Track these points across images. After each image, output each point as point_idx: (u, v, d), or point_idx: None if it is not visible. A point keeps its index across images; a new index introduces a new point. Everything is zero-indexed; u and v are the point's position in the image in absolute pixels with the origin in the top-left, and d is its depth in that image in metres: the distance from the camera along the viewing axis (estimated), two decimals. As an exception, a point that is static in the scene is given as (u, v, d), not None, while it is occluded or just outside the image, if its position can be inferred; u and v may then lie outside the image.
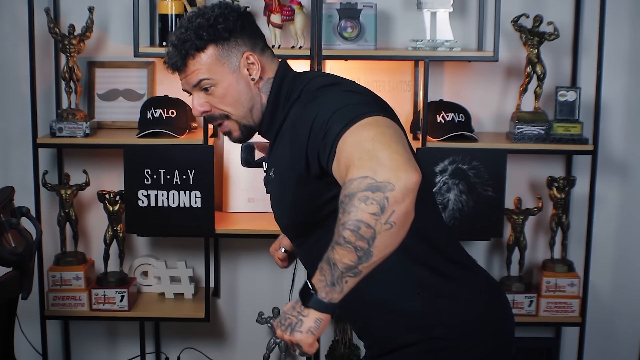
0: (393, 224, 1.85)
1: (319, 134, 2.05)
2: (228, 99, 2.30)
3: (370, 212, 1.83)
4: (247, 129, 2.36)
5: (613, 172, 3.96)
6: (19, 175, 3.88)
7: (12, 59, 3.86)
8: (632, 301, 4.07)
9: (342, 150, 1.95)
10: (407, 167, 1.86)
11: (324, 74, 2.43)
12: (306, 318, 1.97)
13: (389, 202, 1.82)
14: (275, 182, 2.32)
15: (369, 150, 1.90)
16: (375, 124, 1.99)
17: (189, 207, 3.61)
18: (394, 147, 1.91)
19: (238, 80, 2.30)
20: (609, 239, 4.02)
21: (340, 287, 1.93)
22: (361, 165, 1.87)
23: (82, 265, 3.81)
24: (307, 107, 2.19)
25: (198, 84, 2.29)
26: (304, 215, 2.27)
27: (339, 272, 1.90)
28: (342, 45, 3.64)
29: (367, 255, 1.87)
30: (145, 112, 3.69)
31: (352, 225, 1.85)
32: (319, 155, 2.06)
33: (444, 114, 3.68)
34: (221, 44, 2.27)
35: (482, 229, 3.66)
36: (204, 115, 2.34)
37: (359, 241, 1.85)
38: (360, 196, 1.83)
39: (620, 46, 3.86)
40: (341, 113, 2.03)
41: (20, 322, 3.58)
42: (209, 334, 4.11)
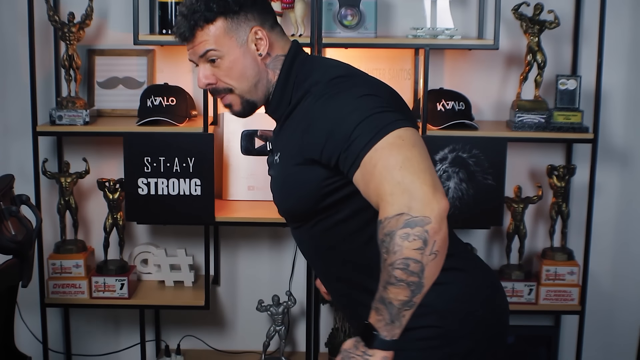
0: (437, 253, 1.93)
1: (340, 142, 2.09)
2: (234, 72, 2.31)
3: (415, 248, 1.90)
4: (249, 104, 2.36)
5: (613, 161, 3.96)
6: (18, 163, 3.89)
7: (12, 47, 3.85)
8: (631, 290, 4.08)
9: (370, 173, 2.01)
10: (437, 196, 1.93)
11: (338, 62, 2.43)
12: (372, 358, 2.03)
13: (429, 235, 1.90)
14: (279, 167, 2.34)
15: (399, 182, 1.95)
16: (401, 144, 2.03)
17: (189, 195, 3.61)
18: (421, 175, 1.96)
19: (245, 54, 2.31)
20: (608, 227, 4.02)
21: (399, 322, 2.00)
22: (394, 201, 1.94)
23: (82, 253, 3.81)
24: (325, 101, 2.20)
25: (204, 54, 2.29)
26: (303, 203, 2.28)
27: (396, 309, 1.98)
28: (342, 33, 3.64)
29: (419, 287, 1.96)
30: (145, 100, 3.69)
31: (401, 264, 1.92)
32: (339, 160, 2.11)
33: (444, 102, 3.68)
34: (230, 17, 2.28)
35: (481, 217, 3.66)
36: (208, 87, 2.34)
37: (410, 277, 1.93)
38: (401, 234, 1.90)
39: (621, 34, 3.86)
40: (365, 125, 2.06)
41: (20, 310, 3.59)
42: (209, 321, 4.13)
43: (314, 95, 2.24)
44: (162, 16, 3.65)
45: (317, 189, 2.23)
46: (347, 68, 2.38)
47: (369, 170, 2.02)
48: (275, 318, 3.91)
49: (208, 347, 4.14)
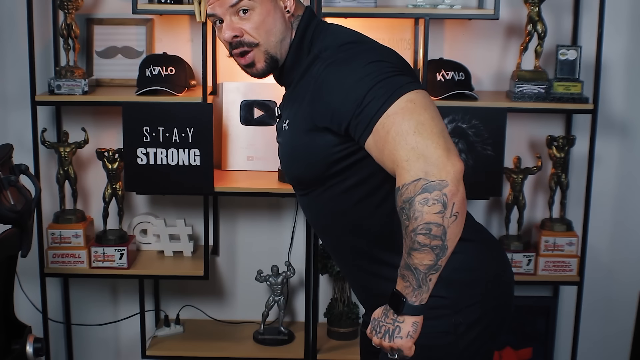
0: (457, 215, 1.97)
1: (351, 108, 2.10)
2: (264, 25, 2.30)
3: (435, 212, 1.94)
4: (273, 60, 2.35)
5: (613, 132, 3.96)
6: (17, 132, 3.88)
7: (10, 16, 3.84)
8: (630, 261, 4.10)
9: (383, 139, 2.03)
10: (451, 158, 1.96)
11: (348, 29, 2.43)
12: (403, 324, 2.08)
13: (448, 197, 1.94)
14: (288, 134, 2.34)
15: (413, 147, 1.97)
16: (412, 108, 2.04)
17: (188, 165, 3.61)
18: (435, 139, 1.99)
19: (275, 8, 2.31)
20: (608, 198, 4.03)
21: (426, 286, 2.04)
22: (411, 167, 1.96)
23: (81, 223, 3.82)
24: (335, 68, 2.21)
25: (236, 4, 2.27)
26: (313, 169, 2.30)
27: (422, 273, 2.02)
28: (342, 3, 3.63)
29: (443, 250, 2.00)
30: (144, 69, 3.68)
31: (423, 229, 1.96)
32: (349, 127, 2.12)
33: (444, 73, 3.68)
34: None
35: (481, 188, 3.67)
36: (234, 40, 2.31)
37: (433, 241, 1.97)
38: (420, 199, 1.94)
39: (621, 4, 3.85)
40: (376, 91, 2.07)
41: (20, 280, 3.60)
42: (208, 291, 4.14)
43: (324, 61, 2.25)
44: (161, -15, 3.64)
45: (327, 155, 2.24)
46: (357, 35, 2.38)
47: (382, 136, 2.04)
48: (274, 288, 3.92)
49: (207, 317, 4.15)
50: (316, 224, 2.52)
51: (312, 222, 2.55)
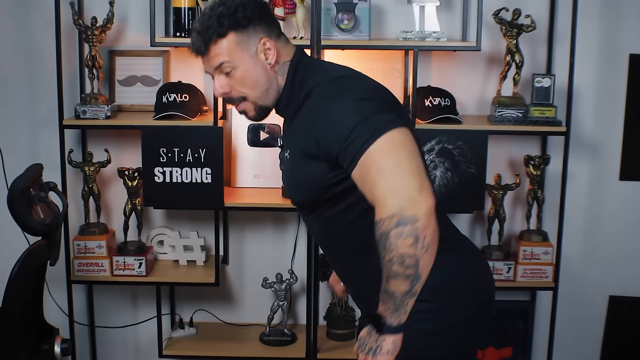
0: (428, 246, 2.00)
1: (339, 142, 2.12)
2: (247, 81, 2.32)
3: (408, 245, 1.97)
4: (262, 109, 2.37)
5: (584, 152, 3.96)
6: (47, 153, 3.87)
7: (41, 48, 3.85)
8: (600, 268, 4.09)
9: (365, 174, 2.07)
10: (424, 194, 2.00)
11: (337, 65, 2.44)
12: (384, 342, 2.11)
13: (420, 231, 1.97)
14: (289, 163, 2.36)
15: (389, 185, 2.01)
16: (391, 147, 2.07)
17: (201, 182, 3.61)
18: (410, 176, 2.02)
19: (256, 64, 2.31)
20: (580, 211, 4.03)
21: (404, 309, 2.08)
22: (387, 204, 1.99)
23: (104, 235, 3.82)
24: (325, 103, 2.22)
25: (219, 66, 2.30)
26: (312, 193, 2.31)
27: (399, 299, 2.05)
28: (339, 36, 3.64)
29: (416, 278, 2.03)
30: (161, 96, 3.68)
31: (398, 259, 1.99)
32: (338, 157, 2.14)
33: (431, 99, 3.68)
34: (241, 30, 2.28)
35: (465, 202, 3.67)
36: (223, 96, 2.35)
37: (407, 270, 2.00)
38: (395, 233, 1.97)
39: (591, 37, 3.85)
40: (361, 129, 2.09)
41: (49, 286, 3.59)
42: (219, 297, 4.13)
43: (316, 96, 2.25)
44: (177, 20, 3.65)
45: (324, 181, 2.25)
46: (346, 70, 2.38)
47: (365, 171, 2.06)
48: (278, 294, 3.92)
49: (218, 320, 4.14)
50: (318, 238, 2.54)
51: (314, 236, 2.59)
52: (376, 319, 2.12)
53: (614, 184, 4.01)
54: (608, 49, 3.89)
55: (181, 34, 3.64)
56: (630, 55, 3.88)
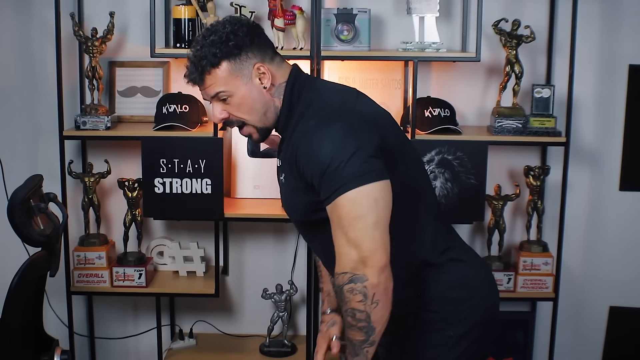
0: (378, 302, 2.10)
1: (318, 174, 2.16)
2: (244, 107, 2.32)
3: (358, 301, 2.10)
4: (264, 130, 2.38)
5: (583, 162, 3.97)
6: (47, 164, 3.88)
7: (41, 59, 3.86)
8: (600, 279, 4.09)
9: (332, 217, 2.16)
10: (376, 254, 2.09)
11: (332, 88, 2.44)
12: None
13: (368, 290, 2.08)
14: (285, 187, 2.40)
15: (347, 240, 2.11)
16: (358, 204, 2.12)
17: (201, 193, 3.61)
18: (367, 235, 2.10)
19: (251, 89, 2.31)
20: (580, 222, 4.03)
21: (363, 355, 2.19)
22: (342, 260, 2.13)
23: (104, 246, 3.82)
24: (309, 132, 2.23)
25: (215, 95, 2.31)
26: (308, 214, 2.35)
27: (357, 346, 2.17)
28: (339, 47, 3.64)
29: (370, 329, 2.14)
30: (161, 107, 3.68)
31: (349, 313, 2.13)
32: (319, 188, 2.18)
33: (431, 109, 3.68)
34: (233, 59, 2.28)
35: (465, 213, 3.67)
36: (222, 122, 2.37)
37: (359, 323, 2.12)
38: (347, 288, 2.10)
39: (590, 48, 3.86)
40: (338, 174, 2.12)
41: (49, 297, 3.59)
42: (219, 308, 4.13)
43: (306, 125, 2.26)
44: (176, 31, 3.66)
45: (314, 205, 2.27)
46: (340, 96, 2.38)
47: (332, 214, 2.15)
48: (278, 305, 3.92)
49: (218, 331, 4.14)
50: (317, 251, 2.57)
51: (313, 249, 2.63)
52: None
53: (613, 194, 4.01)
54: (607, 59, 3.90)
55: (181, 45, 3.64)
56: (629, 65, 3.89)
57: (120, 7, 3.80)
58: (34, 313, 3.00)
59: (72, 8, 3.76)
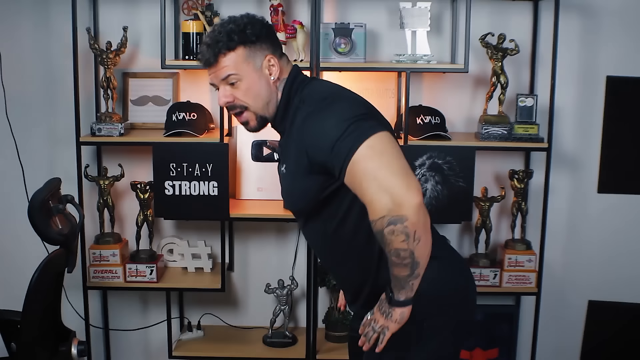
0: (420, 238, 2.07)
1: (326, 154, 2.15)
2: (250, 92, 2.33)
3: (401, 241, 2.04)
4: (262, 119, 2.38)
5: (564, 166, 3.96)
6: (64, 168, 3.88)
7: (59, 71, 3.86)
8: (580, 275, 4.09)
9: (353, 181, 2.11)
10: (409, 193, 2.03)
11: (326, 84, 2.46)
12: (394, 311, 2.24)
13: (409, 229, 2.03)
14: (286, 177, 2.39)
15: (376, 189, 2.05)
16: (372, 154, 2.10)
17: (208, 195, 3.61)
18: (393, 178, 2.06)
19: (260, 77, 2.34)
20: (561, 222, 4.03)
21: (409, 287, 2.19)
22: (376, 207, 2.05)
23: (118, 244, 3.82)
24: (312, 120, 2.24)
25: (226, 78, 2.32)
26: (307, 204, 2.34)
27: (403, 280, 2.16)
28: (337, 59, 3.64)
29: (415, 264, 2.12)
30: (171, 115, 3.68)
31: (394, 253, 2.09)
32: (327, 166, 2.17)
33: (422, 117, 3.69)
34: (249, 46, 2.31)
35: (454, 213, 3.67)
36: (227, 105, 2.36)
37: (404, 260, 2.10)
38: (387, 231, 2.04)
39: (570, 60, 3.87)
40: (345, 138, 2.12)
41: (66, 292, 3.59)
42: (225, 302, 4.13)
43: (303, 112, 2.28)
44: (185, 44, 3.66)
45: (317, 192, 2.27)
46: (331, 88, 2.40)
47: (353, 178, 2.10)
48: (280, 299, 3.92)
49: (224, 323, 4.14)
50: (314, 244, 2.55)
51: (310, 242, 2.59)
52: (387, 294, 2.23)
53: (592, 196, 4.01)
54: (586, 70, 3.90)
55: (189, 57, 3.64)
56: (607, 77, 3.89)
57: (133, 21, 3.80)
58: (53, 307, 3.01)
59: (88, 23, 3.77)
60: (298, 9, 3.82)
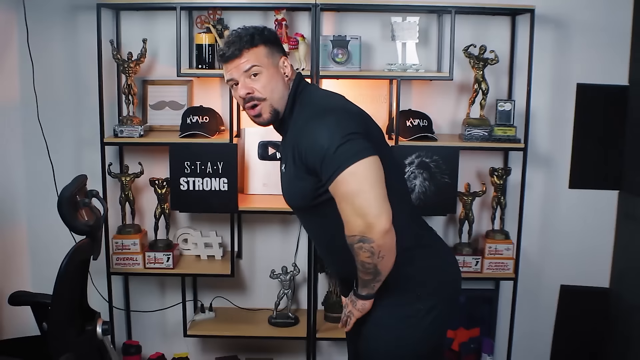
0: (384, 256, 2.18)
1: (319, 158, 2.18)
2: (269, 85, 2.35)
3: (367, 256, 2.17)
4: (275, 112, 2.39)
5: (539, 164, 3.98)
6: (90, 166, 3.88)
7: (85, 79, 3.87)
8: (553, 262, 4.09)
9: (338, 191, 2.16)
10: (380, 219, 2.11)
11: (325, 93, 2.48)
12: (357, 302, 2.40)
13: (374, 249, 2.14)
14: (286, 176, 2.40)
15: (352, 210, 2.13)
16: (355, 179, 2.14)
17: (218, 190, 3.63)
18: (369, 205, 2.14)
19: (277, 73, 2.38)
20: (536, 214, 4.04)
21: (371, 287, 2.32)
22: (350, 226, 2.15)
23: (138, 234, 3.83)
24: (308, 123, 2.25)
25: (249, 69, 2.33)
26: (304, 200, 2.35)
27: (367, 282, 2.30)
28: (335, 68, 3.66)
29: (377, 273, 2.24)
30: (185, 118, 3.69)
31: (360, 264, 2.22)
32: (319, 172, 2.20)
33: (411, 120, 3.70)
34: (269, 45, 2.36)
35: (440, 207, 3.68)
36: (246, 96, 2.36)
37: (368, 270, 2.23)
38: (357, 247, 2.16)
39: (544, 69, 3.87)
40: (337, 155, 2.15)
41: (92, 277, 3.59)
42: (234, 286, 4.14)
43: (304, 119, 2.30)
44: (198, 55, 3.67)
45: (313, 190, 2.28)
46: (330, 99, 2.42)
47: (336, 191, 2.17)
48: (283, 283, 3.93)
49: (233, 306, 4.15)
50: (312, 235, 2.58)
51: (309, 234, 2.62)
52: (354, 291, 2.39)
53: (564, 191, 4.02)
54: (559, 78, 3.90)
55: (202, 66, 3.66)
56: (577, 84, 3.90)
57: (151, 34, 3.81)
58: (80, 291, 3.02)
59: (111, 35, 3.78)
60: (299, 22, 3.83)
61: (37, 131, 3.86)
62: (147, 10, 3.81)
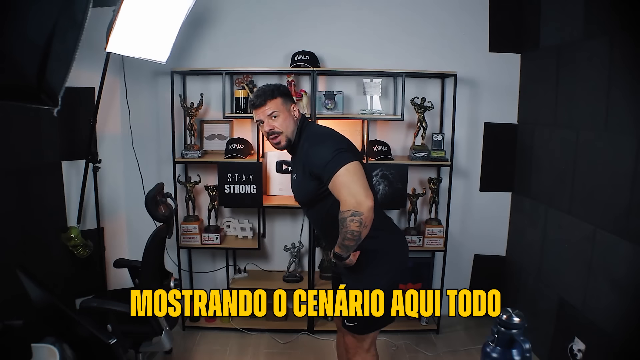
0: (366, 226, 2.14)
1: (321, 168, 2.18)
2: (284, 124, 2.35)
3: (356, 226, 2.12)
4: (288, 140, 2.38)
5: (460, 176, 3.98)
6: (166, 177, 3.90)
7: (163, 119, 3.88)
8: (469, 239, 4.09)
9: (335, 183, 2.16)
10: (367, 199, 2.10)
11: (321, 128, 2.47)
12: (338, 262, 2.29)
13: (363, 220, 2.11)
14: (297, 181, 2.40)
15: (347, 193, 2.11)
16: (347, 173, 2.13)
17: (250, 193, 3.63)
18: (358, 189, 2.10)
19: (289, 116, 2.36)
20: (458, 208, 4.03)
21: (349, 250, 2.22)
22: (346, 203, 2.11)
23: (197, 222, 3.83)
24: (312, 147, 2.27)
25: (271, 114, 2.33)
26: (309, 197, 2.35)
27: (348, 247, 2.21)
28: (326, 112, 3.67)
29: (359, 239, 2.18)
30: (228, 145, 3.70)
31: (349, 232, 2.14)
32: (321, 176, 2.19)
33: (376, 146, 3.71)
34: (283, 97, 2.35)
35: (395, 203, 3.68)
36: (270, 130, 2.35)
37: (355, 236, 2.14)
38: (349, 219, 2.11)
39: (463, 112, 3.88)
40: (333, 161, 2.16)
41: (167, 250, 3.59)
42: (260, 256, 4.13)
43: (307, 143, 2.30)
44: (237, 104, 3.69)
45: (316, 189, 2.28)
46: (325, 130, 2.41)
47: (333, 186, 2.14)
48: (292, 254, 3.94)
49: (259, 269, 4.14)
50: (313, 221, 2.54)
51: (310, 220, 2.58)
52: (334, 254, 2.28)
53: (476, 193, 4.02)
54: (473, 119, 3.92)
55: (239, 112, 3.67)
56: (484, 122, 3.91)
57: (206, 90, 3.83)
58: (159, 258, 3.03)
59: (180, 91, 3.79)
60: (303, 82, 3.84)
61: (131, 154, 3.87)
62: (203, 75, 3.82)
